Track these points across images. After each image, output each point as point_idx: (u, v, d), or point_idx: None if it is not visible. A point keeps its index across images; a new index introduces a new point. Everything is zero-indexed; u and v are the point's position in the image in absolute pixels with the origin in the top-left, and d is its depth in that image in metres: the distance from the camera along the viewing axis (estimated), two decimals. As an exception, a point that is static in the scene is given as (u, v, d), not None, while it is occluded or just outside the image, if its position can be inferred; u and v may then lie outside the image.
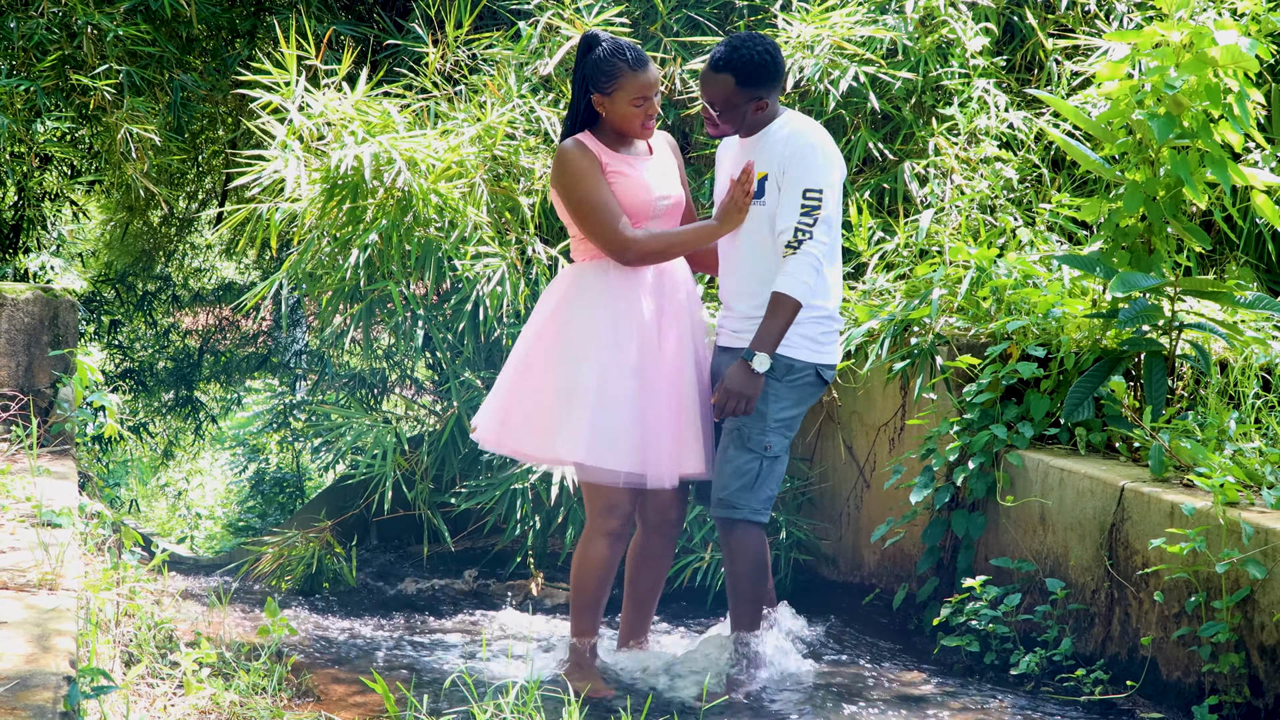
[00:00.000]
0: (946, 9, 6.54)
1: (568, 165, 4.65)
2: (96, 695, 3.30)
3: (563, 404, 4.64)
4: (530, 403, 4.71)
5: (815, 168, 4.55)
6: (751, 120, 4.67)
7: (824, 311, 4.66)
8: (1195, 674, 4.27)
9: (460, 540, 7.03)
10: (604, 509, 4.71)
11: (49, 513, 4.65)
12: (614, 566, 4.76)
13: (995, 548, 5.16)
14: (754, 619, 4.76)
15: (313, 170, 6.10)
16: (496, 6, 7.20)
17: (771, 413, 4.65)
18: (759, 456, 4.65)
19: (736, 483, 4.66)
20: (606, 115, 4.66)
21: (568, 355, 4.65)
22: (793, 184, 4.55)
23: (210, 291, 13.18)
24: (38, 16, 7.32)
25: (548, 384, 4.67)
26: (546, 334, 4.72)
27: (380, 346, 7.64)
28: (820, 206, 4.52)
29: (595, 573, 4.72)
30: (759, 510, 4.68)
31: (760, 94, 4.62)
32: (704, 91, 4.67)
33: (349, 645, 5.45)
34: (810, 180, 4.53)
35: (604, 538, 4.71)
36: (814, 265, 4.52)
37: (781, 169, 4.57)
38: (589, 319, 4.65)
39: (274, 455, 13.91)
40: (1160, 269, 5.06)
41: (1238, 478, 4.34)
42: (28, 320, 6.26)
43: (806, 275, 4.52)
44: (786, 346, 4.62)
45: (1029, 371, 5.07)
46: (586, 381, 4.61)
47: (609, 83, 4.61)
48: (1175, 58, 4.82)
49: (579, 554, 4.76)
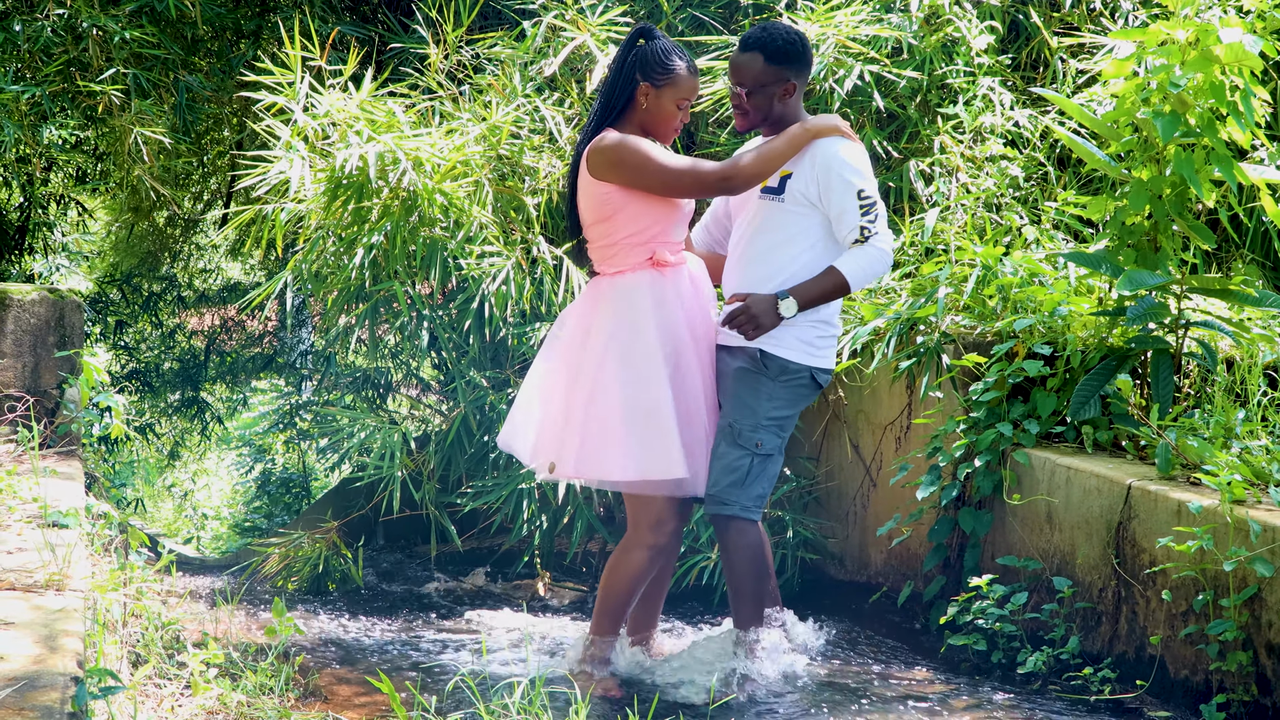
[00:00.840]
0: (951, 7, 6.54)
1: (632, 149, 4.56)
2: (104, 696, 3.30)
3: (646, 425, 4.60)
4: (610, 428, 4.64)
5: (859, 167, 4.59)
6: (779, 112, 4.66)
7: (820, 316, 4.66)
8: (1203, 672, 4.26)
9: (467, 540, 7.03)
10: (654, 523, 4.71)
11: (56, 513, 4.65)
12: (648, 578, 4.76)
13: (1002, 546, 5.16)
14: (754, 616, 4.75)
15: (318, 170, 6.10)
16: (500, 6, 7.20)
17: (764, 410, 4.65)
18: (750, 453, 4.65)
19: (727, 479, 4.67)
20: (647, 108, 4.62)
21: (640, 377, 4.61)
22: (843, 190, 4.56)
23: (216, 292, 13.19)
24: (42, 19, 7.32)
25: (624, 407, 4.62)
26: (610, 358, 4.65)
27: (386, 346, 7.65)
28: (874, 203, 4.56)
29: (629, 582, 4.72)
30: (749, 508, 4.67)
31: (787, 75, 4.63)
32: (733, 75, 4.69)
33: (356, 645, 5.45)
34: (859, 182, 4.56)
35: (645, 550, 4.71)
36: (875, 257, 4.56)
37: (817, 175, 4.58)
38: (648, 336, 4.62)
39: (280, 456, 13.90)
40: (1166, 267, 5.05)
41: (1244, 475, 4.33)
42: (34, 321, 6.26)
43: (864, 261, 4.55)
44: (783, 348, 4.62)
45: (1035, 370, 5.06)
46: (663, 400, 4.59)
47: (663, 76, 4.59)
48: (1181, 56, 4.82)
49: (615, 559, 4.75)
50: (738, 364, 4.68)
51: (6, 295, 6.25)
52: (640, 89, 4.62)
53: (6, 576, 4.02)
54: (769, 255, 4.66)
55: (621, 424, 4.61)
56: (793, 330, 4.62)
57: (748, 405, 4.65)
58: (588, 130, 4.69)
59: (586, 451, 4.68)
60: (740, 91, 4.66)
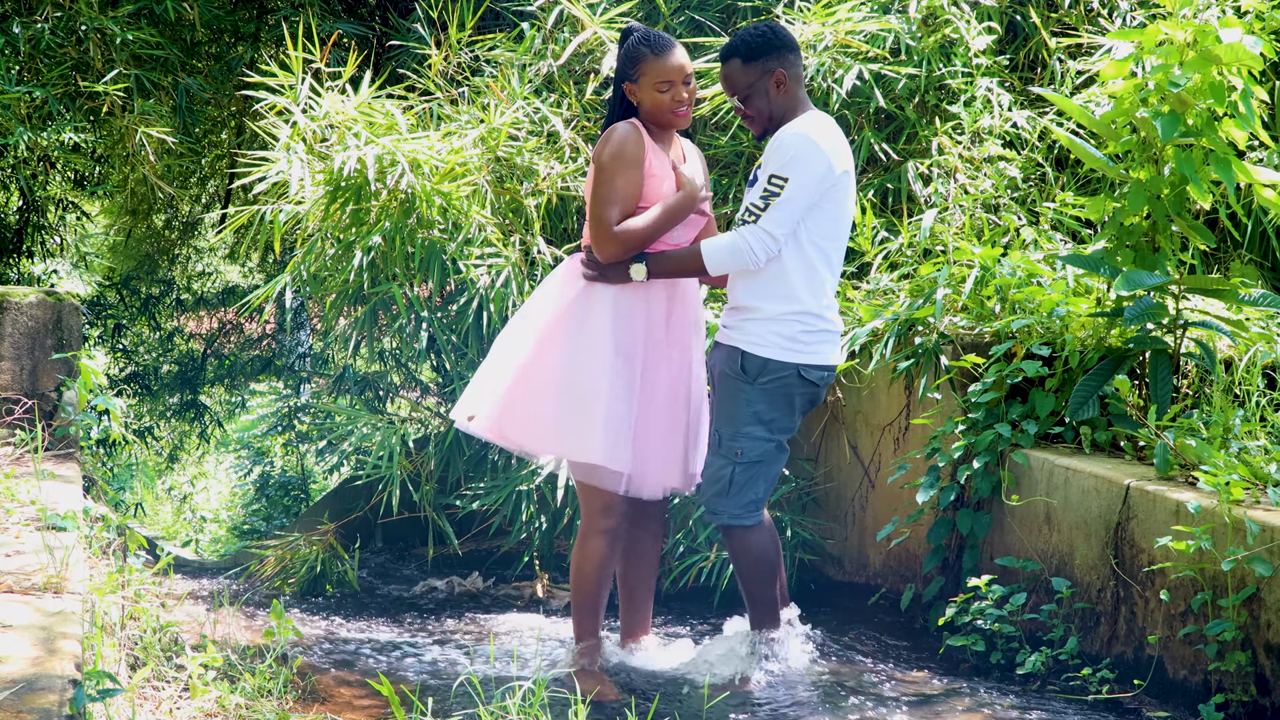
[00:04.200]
0: (949, 8, 6.54)
1: (617, 143, 4.60)
2: (102, 698, 3.30)
3: (574, 404, 4.62)
4: (538, 397, 4.67)
5: (786, 157, 4.50)
6: (780, 107, 4.63)
7: (797, 308, 4.58)
8: (1201, 672, 4.26)
9: (466, 542, 7.03)
10: (601, 508, 4.72)
11: (54, 516, 4.65)
12: (611, 565, 4.77)
13: (1000, 547, 5.15)
14: (765, 618, 4.75)
15: (316, 172, 6.10)
16: (499, 8, 7.20)
17: (743, 416, 4.62)
18: (730, 462, 4.64)
19: (712, 489, 4.68)
20: (639, 105, 4.66)
21: (582, 356, 4.63)
22: (764, 169, 4.55)
23: (214, 295, 13.20)
24: (42, 21, 7.33)
25: (558, 381, 4.65)
26: (559, 331, 4.68)
27: (384, 349, 7.65)
28: (779, 194, 4.47)
29: (593, 571, 4.73)
30: (740, 515, 4.66)
31: (771, 66, 4.60)
32: (725, 88, 4.69)
33: (355, 647, 5.45)
34: (775, 166, 4.50)
35: (600, 535, 4.73)
36: (738, 246, 4.50)
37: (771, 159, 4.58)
38: (603, 321, 4.64)
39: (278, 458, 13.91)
40: (1165, 267, 5.05)
41: (1243, 476, 4.33)
42: (32, 324, 6.26)
43: (724, 246, 4.52)
44: (762, 346, 4.59)
45: (1034, 370, 5.06)
46: (600, 385, 4.60)
47: (633, 68, 4.63)
48: (1180, 56, 4.81)
49: (576, 554, 4.78)
50: (720, 367, 4.68)
51: (5, 298, 6.25)
52: (626, 90, 4.68)
53: (5, 579, 4.02)
54: None
55: (550, 397, 4.65)
56: (771, 326, 4.58)
57: (727, 413, 4.65)
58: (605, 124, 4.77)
59: (509, 414, 4.71)
60: (738, 100, 4.67)
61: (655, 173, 4.63)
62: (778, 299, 4.58)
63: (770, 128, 4.66)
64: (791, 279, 4.58)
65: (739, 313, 4.66)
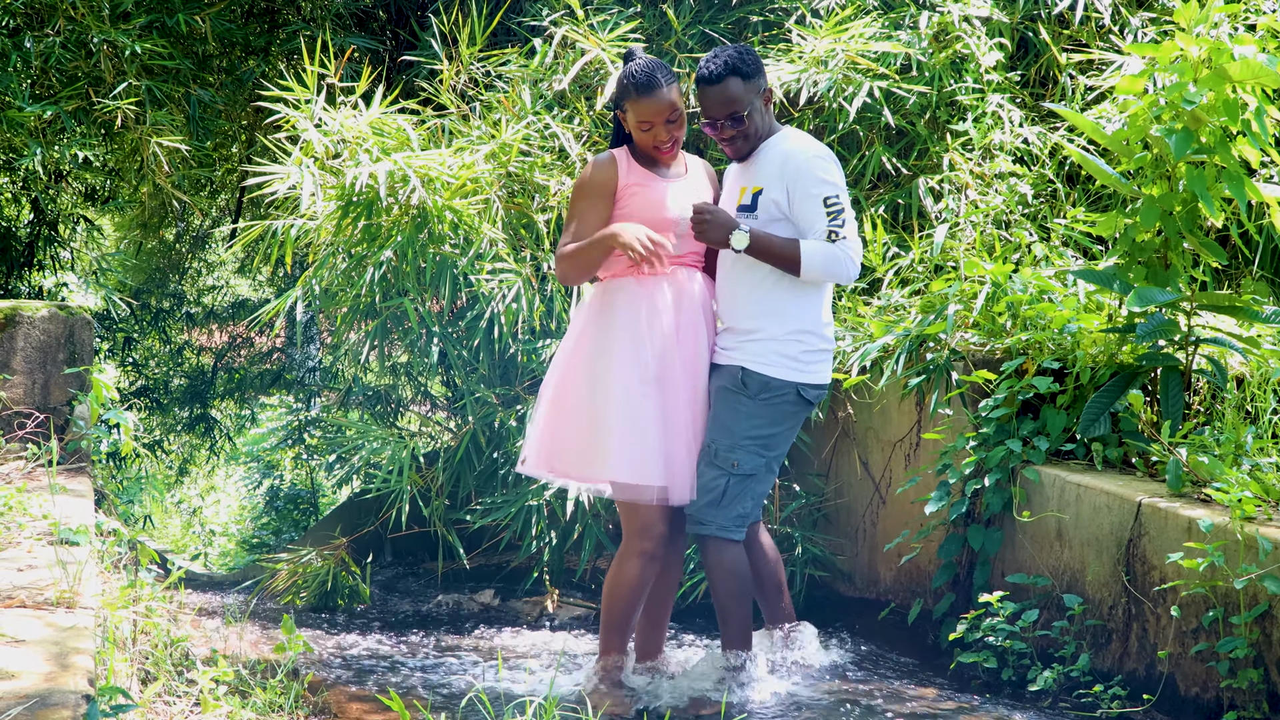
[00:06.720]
0: (960, 24, 6.55)
1: (587, 173, 4.72)
2: (115, 714, 3.30)
3: (594, 425, 4.66)
4: (568, 427, 4.73)
5: (826, 175, 4.59)
6: (767, 122, 4.70)
7: (796, 327, 4.63)
8: (1214, 690, 4.25)
9: (476, 557, 7.03)
10: (639, 530, 4.72)
11: (66, 530, 4.66)
12: (645, 587, 4.75)
13: (1012, 563, 5.15)
14: (737, 637, 4.73)
15: (328, 187, 6.11)
16: (511, 24, 7.22)
17: (741, 430, 4.64)
18: (726, 473, 4.64)
19: (704, 498, 4.67)
20: (629, 130, 4.72)
21: (593, 376, 4.67)
22: (808, 198, 4.56)
23: (224, 309, 13.23)
24: (53, 35, 7.35)
25: (581, 406, 4.69)
26: (575, 357, 4.75)
27: (396, 363, 7.66)
28: (842, 209, 4.56)
29: (627, 593, 4.72)
30: (727, 527, 4.67)
31: (761, 82, 4.67)
32: (722, 108, 4.64)
33: (365, 662, 5.45)
34: (825, 189, 4.56)
35: (637, 558, 4.71)
36: (838, 256, 4.55)
37: (786, 185, 4.59)
38: (609, 338, 4.67)
39: (288, 472, 13.93)
40: (1176, 284, 5.04)
41: (1255, 493, 4.32)
42: (43, 338, 6.27)
43: (825, 254, 4.54)
44: (764, 365, 4.62)
45: (1045, 386, 5.06)
46: (610, 400, 4.62)
47: (623, 101, 4.69)
48: (1193, 73, 4.81)
49: (612, 573, 4.76)
50: (720, 382, 4.69)
51: (17, 312, 6.27)
52: (619, 117, 4.76)
53: (18, 594, 4.03)
54: (748, 273, 4.66)
55: (571, 423, 4.72)
56: (774, 346, 4.62)
57: (725, 425, 4.65)
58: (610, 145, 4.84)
59: (546, 448, 4.79)
60: (738, 117, 4.64)
61: (641, 184, 4.69)
62: (778, 319, 4.62)
63: (754, 145, 4.70)
64: (791, 299, 4.63)
65: (738, 334, 4.68)
